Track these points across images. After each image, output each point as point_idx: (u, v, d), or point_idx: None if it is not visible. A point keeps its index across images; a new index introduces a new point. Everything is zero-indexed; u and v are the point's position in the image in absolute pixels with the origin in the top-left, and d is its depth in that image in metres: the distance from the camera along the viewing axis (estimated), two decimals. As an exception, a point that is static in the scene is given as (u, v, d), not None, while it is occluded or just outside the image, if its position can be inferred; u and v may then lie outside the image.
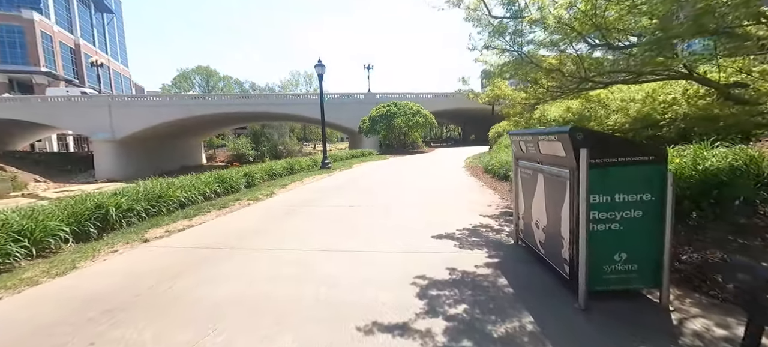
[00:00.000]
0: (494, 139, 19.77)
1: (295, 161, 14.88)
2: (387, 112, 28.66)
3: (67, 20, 57.92)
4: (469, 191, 8.30)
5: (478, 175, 11.28)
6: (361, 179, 11.34)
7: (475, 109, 43.36)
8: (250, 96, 38.74)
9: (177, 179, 8.07)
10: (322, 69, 14.81)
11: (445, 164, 16.15)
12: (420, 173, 13.00)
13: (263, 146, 60.89)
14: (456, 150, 30.56)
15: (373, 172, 13.71)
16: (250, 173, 10.47)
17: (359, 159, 20.92)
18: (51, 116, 31.97)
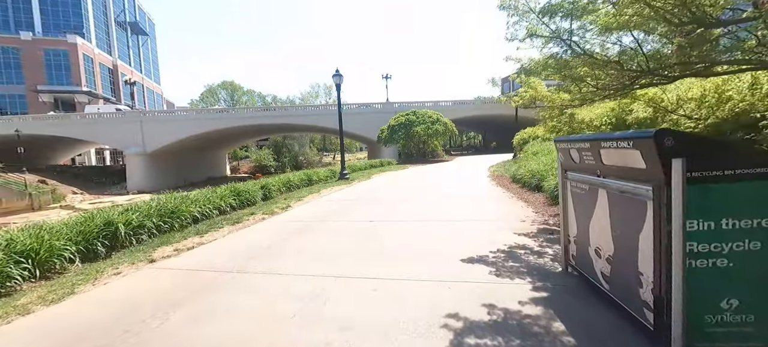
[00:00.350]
0: (519, 146, 18.76)
1: (314, 172, 14.57)
2: (406, 120, 28.16)
3: (107, 43, 61.80)
4: (498, 203, 7.55)
5: (506, 185, 10.47)
6: (380, 191, 10.80)
7: (496, 115, 42.15)
8: (270, 109, 39.44)
9: (192, 193, 7.84)
10: (339, 79, 14.53)
11: (469, 173, 15.36)
12: (442, 183, 12.31)
13: (284, 156, 61.92)
14: (477, 158, 29.53)
15: (393, 183, 13.15)
16: (267, 186, 10.18)
17: (378, 169, 20.45)
18: (88, 132, 33.70)
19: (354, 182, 14.06)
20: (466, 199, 8.41)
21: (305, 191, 11.23)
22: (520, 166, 10.84)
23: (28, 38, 50.61)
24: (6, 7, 52.21)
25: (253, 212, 8.02)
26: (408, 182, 12.99)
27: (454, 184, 11.76)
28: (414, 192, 10.30)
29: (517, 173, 10.33)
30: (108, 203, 27.65)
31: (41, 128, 32.65)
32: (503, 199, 8.03)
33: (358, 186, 12.46)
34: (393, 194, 9.94)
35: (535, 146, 14.67)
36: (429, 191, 10.31)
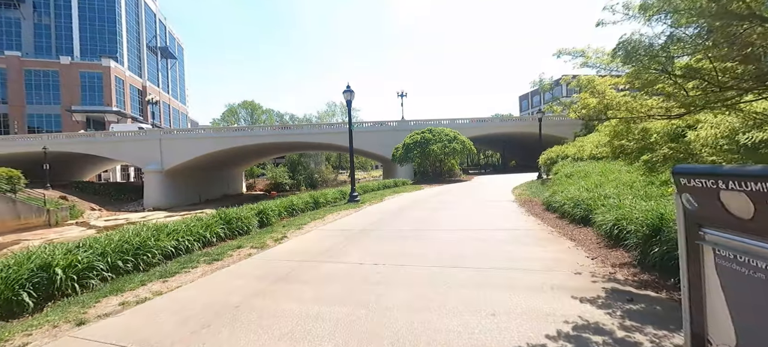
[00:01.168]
0: (545, 166, 16.99)
1: (321, 193, 13.36)
2: (421, 139, 26.86)
3: (138, 66, 64.65)
4: (536, 242, 5.97)
5: (538, 213, 8.83)
6: (391, 219, 9.38)
7: (515, 133, 40.23)
8: (283, 127, 39.17)
9: (171, 223, 6.71)
10: (350, 95, 13.49)
11: (491, 196, 13.72)
12: (462, 208, 10.77)
13: (300, 174, 61.66)
14: (497, 178, 27.67)
15: (407, 207, 11.71)
16: (265, 211, 8.97)
17: (392, 190, 19.06)
18: (111, 150, 34.23)
19: (364, 205, 12.72)
20: (494, 233, 6.86)
21: (308, 217, 9.95)
22: (555, 191, 9.20)
23: (67, 62, 53.38)
24: (50, 34, 55.54)
25: (242, 244, 6.76)
26: (422, 207, 11.51)
27: (476, 210, 10.18)
28: (429, 220, 8.80)
29: (553, 199, 8.70)
30: (123, 221, 27.45)
31: (67, 145, 33.41)
32: (542, 236, 6.43)
33: (368, 211, 11.09)
34: (405, 223, 8.48)
35: (565, 167, 12.97)
36: (446, 219, 8.80)
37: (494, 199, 12.78)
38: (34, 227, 23.43)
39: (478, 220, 8.42)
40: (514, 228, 7.19)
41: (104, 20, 57.28)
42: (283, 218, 9.96)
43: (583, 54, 3.05)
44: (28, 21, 53.58)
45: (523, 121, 40.87)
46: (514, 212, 9.38)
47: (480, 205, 11.29)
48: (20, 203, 23.08)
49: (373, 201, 13.86)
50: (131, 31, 62.51)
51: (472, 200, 12.94)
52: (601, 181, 8.64)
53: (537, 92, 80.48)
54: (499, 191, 15.68)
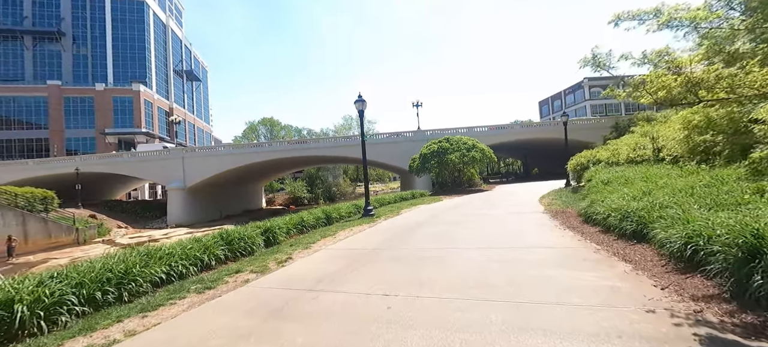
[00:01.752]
0: (575, 172, 15.61)
1: (334, 208, 12.67)
2: (438, 148, 25.89)
3: (165, 89, 67.75)
4: (581, 264, 4.91)
5: (575, 225, 7.69)
6: (406, 235, 8.49)
7: (537, 139, 38.42)
8: (301, 142, 39.22)
9: (167, 246, 6.14)
10: (362, 104, 12.87)
11: (517, 207, 12.54)
12: (486, 221, 9.73)
13: (318, 188, 61.74)
14: (520, 186, 26.13)
15: (424, 222, 10.77)
16: (272, 229, 8.32)
17: (409, 202, 18.14)
18: (136, 169, 35.34)
19: (379, 219, 11.89)
20: (528, 253, 5.83)
21: (318, 234, 9.22)
22: (594, 200, 8.02)
23: (101, 88, 56.58)
24: (87, 63, 59.22)
25: (241, 268, 6.08)
26: (441, 221, 10.54)
27: (503, 224, 9.11)
28: (449, 237, 7.84)
29: (592, 210, 7.54)
30: (145, 238, 27.86)
31: (96, 166, 34.77)
32: (587, 255, 5.34)
33: (382, 227, 10.24)
34: (423, 241, 7.56)
35: (600, 172, 11.68)
36: (467, 235, 7.81)
37: (521, 210, 11.61)
38: (64, 245, 24.09)
39: (506, 236, 7.36)
40: (551, 246, 6.12)
41: (135, 48, 60.62)
42: (292, 236, 9.29)
43: (656, 14, 2.17)
44: (68, 52, 57.45)
45: (545, 126, 39.04)
46: (546, 225, 8.25)
47: (506, 217, 10.19)
48: (51, 223, 23.84)
49: (389, 215, 13.00)
50: (159, 56, 65.82)
51: (497, 211, 11.82)
52: (649, 188, 7.43)
53: (558, 96, 77.73)
54: (524, 201, 14.43)
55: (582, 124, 35.98)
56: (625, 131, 23.28)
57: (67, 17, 57.32)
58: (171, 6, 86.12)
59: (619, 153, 13.57)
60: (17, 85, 53.71)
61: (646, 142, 12.89)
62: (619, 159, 13.33)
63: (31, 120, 53.77)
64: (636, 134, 16.23)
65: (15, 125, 53.11)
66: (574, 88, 72.83)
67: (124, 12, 60.22)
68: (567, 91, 75.21)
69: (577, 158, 15.85)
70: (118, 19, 59.74)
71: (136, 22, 60.79)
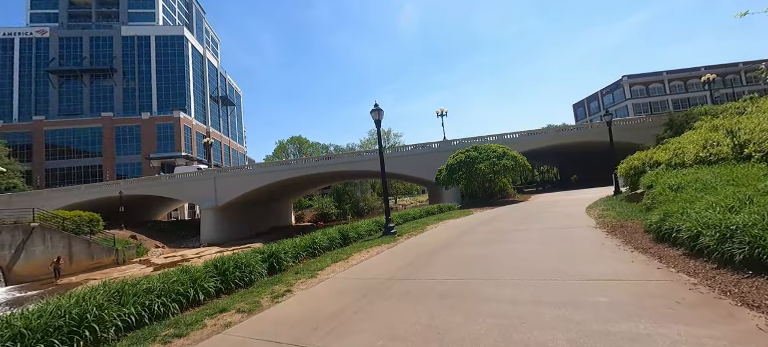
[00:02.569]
0: (628, 177, 13.40)
1: (352, 226, 11.60)
2: (466, 158, 24.22)
3: (202, 114, 71.74)
4: (679, 311, 3.35)
5: (644, 245, 5.97)
6: (428, 260, 7.16)
7: (574, 144, 35.31)
8: (325, 158, 39.06)
9: (144, 279, 5.33)
10: (378, 113, 11.88)
11: (561, 220, 10.74)
12: (525, 240, 8.14)
13: (346, 203, 61.41)
14: (560, 196, 23.62)
15: (451, 241, 9.35)
16: (277, 253, 7.38)
17: (435, 217, 16.67)
18: (173, 191, 36.84)
19: (400, 238, 10.62)
20: (592, 289, 4.31)
21: (330, 258, 8.13)
22: (668, 212, 6.23)
23: (147, 117, 60.91)
24: (134, 95, 64.19)
25: (227, 306, 5.08)
26: (470, 240, 9.07)
27: (548, 244, 7.50)
28: (480, 265, 6.42)
29: (669, 225, 5.79)
30: (179, 257, 28.38)
31: (137, 188, 36.64)
32: (683, 296, 3.70)
33: (402, 249, 8.96)
34: (445, 270, 6.19)
35: (665, 177, 9.67)
36: (505, 263, 6.34)
37: (567, 224, 9.82)
38: (105, 266, 25.08)
39: (556, 262, 5.78)
40: (623, 277, 4.54)
41: (176, 79, 65.00)
42: (302, 260, 8.29)
43: None
44: (119, 86, 62.74)
45: (583, 129, 35.88)
46: (605, 245, 6.55)
47: (550, 235, 8.51)
48: (94, 245, 24.95)
49: (412, 233, 11.69)
50: (197, 85, 70.11)
51: (538, 226, 10.11)
52: (746, 195, 5.60)
53: (594, 97, 72.58)
54: (569, 213, 12.48)
55: (627, 124, 32.55)
56: (683, 127, 20.32)
57: (119, 55, 62.93)
58: (208, 39, 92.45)
59: (685, 153, 11.36)
60: (76, 118, 59.20)
61: (719, 137, 10.64)
62: (685, 160, 11.13)
63: (87, 149, 58.79)
64: (702, 129, 13.76)
65: (74, 154, 58.29)
66: (612, 87, 67.64)
67: (167, 47, 65.08)
68: (604, 91, 70.01)
69: (628, 161, 13.65)
70: (161, 53, 64.63)
71: (177, 56, 65.37)
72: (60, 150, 57.81)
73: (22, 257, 21.52)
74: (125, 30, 64.04)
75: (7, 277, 20.81)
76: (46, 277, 21.99)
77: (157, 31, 65.61)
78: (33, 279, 21.49)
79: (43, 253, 22.30)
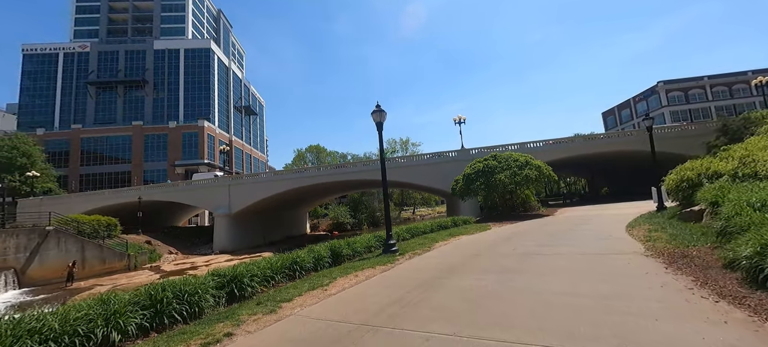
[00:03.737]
0: (679, 191, 11.12)
1: (348, 242, 10.12)
2: (484, 167, 22.25)
3: (226, 123, 73.44)
4: None
5: (729, 287, 4.08)
6: (426, 294, 5.53)
7: (606, 153, 32.25)
8: (339, 166, 38.04)
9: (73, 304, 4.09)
10: (380, 115, 10.46)
11: (596, 242, 8.74)
12: (554, 270, 6.33)
13: (361, 213, 60.09)
14: (591, 210, 21.04)
15: (458, 266, 7.66)
16: (239, 278, 6.02)
17: (447, 232, 14.88)
18: (189, 197, 37.02)
19: (401, 258, 9.02)
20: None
21: (308, 284, 6.67)
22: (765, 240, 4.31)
23: (173, 126, 62.94)
24: (163, 105, 66.63)
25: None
26: (484, 266, 7.33)
27: (584, 277, 5.66)
28: (493, 304, 4.73)
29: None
30: (188, 265, 27.93)
31: (156, 195, 37.10)
32: None
33: (399, 272, 7.37)
34: (445, 313, 4.55)
35: (738, 191, 7.56)
36: (527, 308, 4.63)
37: (606, 248, 7.85)
38: (116, 270, 24.96)
39: (601, 312, 3.96)
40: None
41: (201, 89, 67.03)
42: (277, 284, 6.89)
43: None
44: (149, 97, 65.42)
45: (615, 138, 32.76)
46: (669, 285, 4.66)
47: (586, 263, 6.64)
48: (106, 249, 24.93)
49: (417, 251, 10.05)
50: (221, 95, 72.05)
51: (568, 249, 8.20)
52: None
53: (626, 105, 67.86)
54: (605, 232, 10.38)
55: (668, 133, 29.30)
56: (741, 134, 17.47)
57: (150, 67, 65.84)
58: (234, 51, 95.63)
59: (756, 162, 9.11)
60: (109, 126, 62.11)
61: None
62: (758, 170, 8.88)
63: (119, 156, 61.32)
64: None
65: (106, 160, 60.93)
66: (646, 94, 62.88)
67: (194, 59, 67.48)
68: (637, 98, 65.24)
69: (679, 172, 11.35)
70: (189, 65, 67.03)
71: (203, 67, 67.57)
72: (94, 156, 60.64)
73: (37, 261, 21.63)
74: (157, 44, 67.07)
75: (21, 280, 20.91)
76: (59, 280, 21.98)
77: (186, 45, 68.24)
78: (46, 283, 21.51)
79: (56, 257, 22.38)
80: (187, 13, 72.17)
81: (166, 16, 71.95)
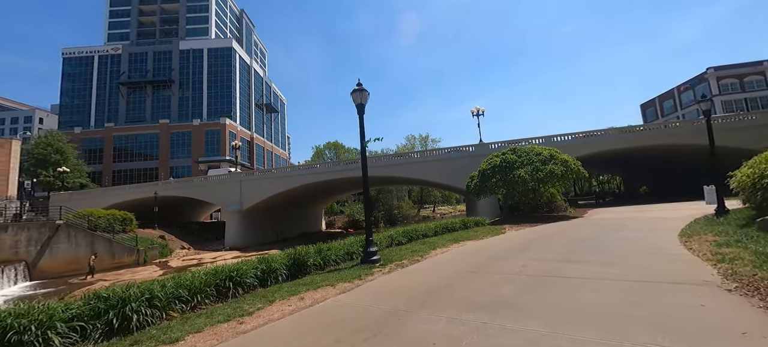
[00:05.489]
0: (760, 190, 8.33)
1: (319, 249, 8.33)
2: (502, 162, 19.70)
3: (247, 121, 74.30)
4: None
5: None
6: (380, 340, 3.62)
7: (643, 149, 28.33)
8: (351, 162, 36.44)
9: None
10: (361, 96, 8.54)
11: (640, 257, 6.34)
12: (581, 312, 4.17)
13: (379, 210, 58.31)
14: (627, 212, 17.91)
15: (445, 288, 5.62)
16: (126, 301, 4.39)
17: (451, 236, 12.71)
18: (203, 193, 36.99)
19: (378, 271, 7.10)
20: None
21: (229, 309, 4.95)
22: None
23: (197, 123, 64.35)
24: (188, 103, 68.28)
25: None
26: (479, 289, 5.24)
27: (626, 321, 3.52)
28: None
29: None
30: (195, 261, 27.40)
31: (171, 190, 37.39)
32: None
33: (362, 295, 5.46)
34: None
35: None
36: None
37: (656, 271, 5.49)
38: (125, 265, 24.89)
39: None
40: None
41: (224, 88, 68.08)
42: (200, 306, 5.23)
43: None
44: (175, 96, 67.32)
45: (657, 131, 28.68)
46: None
47: (628, 300, 4.37)
48: (116, 244, 24.90)
49: (404, 261, 8.08)
50: (243, 93, 72.95)
51: (600, 270, 5.89)
52: None
53: (669, 95, 61.11)
54: (651, 243, 7.86)
55: (725, 123, 25.08)
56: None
57: (176, 67, 67.72)
58: (256, 50, 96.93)
59: None
60: (139, 125, 64.53)
61: None
62: None
63: (147, 152, 63.59)
64: None
65: (136, 157, 63.38)
66: (693, 82, 56.11)
67: (217, 58, 68.64)
68: (682, 87, 58.45)
69: (754, 165, 8.51)
70: (212, 64, 68.27)
71: (225, 66, 68.57)
72: (125, 153, 63.27)
73: (47, 254, 21.79)
74: (182, 44, 68.83)
75: (32, 273, 21.10)
76: (68, 274, 22.09)
77: (209, 44, 69.53)
78: (56, 276, 21.63)
79: (67, 251, 22.49)
80: (211, 14, 73.55)
81: (191, 16, 73.69)
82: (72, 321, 3.85)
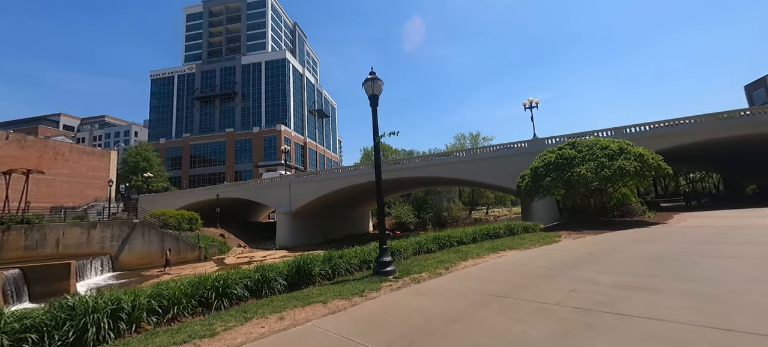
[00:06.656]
0: None
1: (330, 256, 7.59)
2: (557, 158, 17.05)
3: (300, 126, 78.37)
4: None
5: None
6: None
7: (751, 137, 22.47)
8: (394, 163, 35.62)
9: None
10: (374, 85, 7.60)
11: (760, 294, 4.34)
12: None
13: (426, 212, 56.49)
14: (730, 218, 13.91)
15: (455, 323, 4.38)
16: (119, 310, 4.07)
17: (489, 244, 11.01)
18: (257, 195, 39.46)
19: (387, 286, 6.07)
20: None
21: (198, 327, 4.40)
22: None
23: (257, 131, 69.69)
24: (249, 113, 74.27)
25: None
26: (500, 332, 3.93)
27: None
28: None
29: None
30: (247, 259, 29.14)
31: (231, 193, 40.56)
32: None
33: (356, 322, 4.50)
34: None
35: None
36: None
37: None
38: (188, 261, 27.43)
39: None
40: None
41: (279, 96, 72.76)
42: (178, 319, 4.81)
43: None
44: (238, 106, 73.85)
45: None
46: None
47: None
48: (182, 241, 27.58)
49: (424, 274, 6.92)
50: (296, 100, 77.19)
51: (690, 308, 4.09)
52: None
53: (792, 71, 48.39)
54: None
55: None
56: None
57: (239, 81, 74.33)
58: (308, 59, 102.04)
59: None
60: (209, 134, 72.09)
61: None
62: None
63: (216, 158, 70.72)
64: None
65: (208, 163, 70.86)
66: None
67: (273, 69, 73.70)
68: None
69: None
70: (269, 76, 73.48)
71: (280, 76, 73.25)
72: (199, 160, 71.16)
73: (126, 249, 24.91)
74: (244, 59, 75.35)
75: (114, 265, 24.29)
76: (142, 267, 25.02)
77: (266, 57, 74.96)
78: (132, 269, 24.65)
79: (141, 246, 25.49)
80: (267, 29, 79.27)
81: (250, 33, 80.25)
82: (25, 333, 3.60)
